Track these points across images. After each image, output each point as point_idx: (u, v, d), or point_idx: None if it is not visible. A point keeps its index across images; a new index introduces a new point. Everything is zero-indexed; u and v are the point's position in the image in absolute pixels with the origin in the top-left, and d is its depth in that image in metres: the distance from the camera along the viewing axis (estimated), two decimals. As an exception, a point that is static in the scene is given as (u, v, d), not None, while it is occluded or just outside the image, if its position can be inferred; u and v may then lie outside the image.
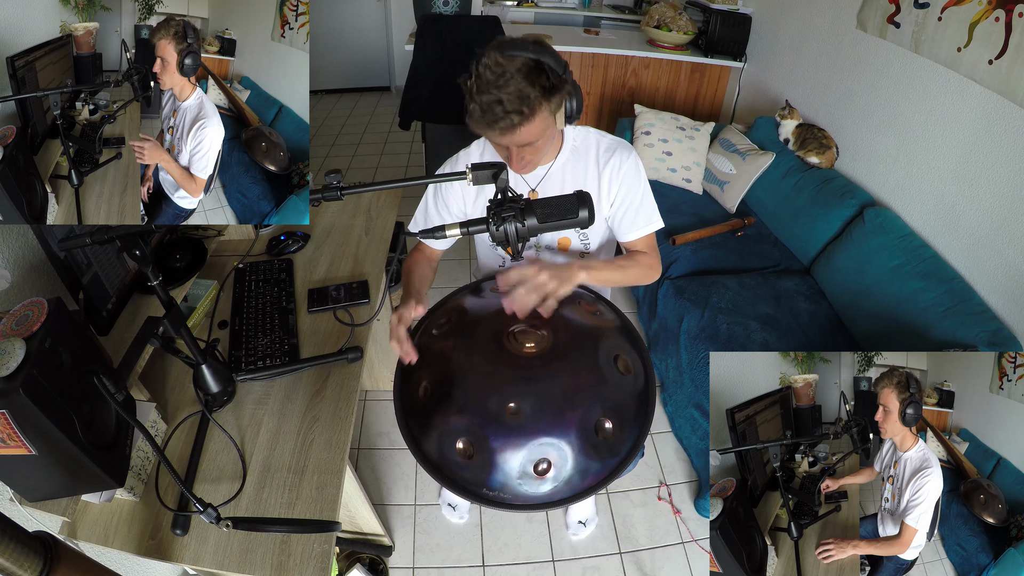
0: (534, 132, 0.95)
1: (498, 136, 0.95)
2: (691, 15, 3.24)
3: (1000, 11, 1.52)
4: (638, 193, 1.16)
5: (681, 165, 2.61)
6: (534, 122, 0.93)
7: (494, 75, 0.90)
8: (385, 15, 4.89)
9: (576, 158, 1.15)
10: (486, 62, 0.91)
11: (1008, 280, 1.59)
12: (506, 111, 0.90)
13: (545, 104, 0.93)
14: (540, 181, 1.16)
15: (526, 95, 0.90)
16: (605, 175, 1.14)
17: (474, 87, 0.92)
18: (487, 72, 0.90)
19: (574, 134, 1.16)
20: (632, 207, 1.16)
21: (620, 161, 1.13)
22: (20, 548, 0.57)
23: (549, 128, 0.99)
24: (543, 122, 0.96)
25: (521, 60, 0.91)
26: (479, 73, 0.91)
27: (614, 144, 1.15)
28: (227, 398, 1.07)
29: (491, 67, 0.90)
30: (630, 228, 1.18)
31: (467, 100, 0.95)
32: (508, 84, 0.89)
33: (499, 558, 1.69)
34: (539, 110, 0.93)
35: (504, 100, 0.89)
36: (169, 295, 0.92)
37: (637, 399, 0.89)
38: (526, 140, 0.96)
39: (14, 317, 0.69)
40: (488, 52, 0.92)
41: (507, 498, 0.80)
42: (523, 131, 0.93)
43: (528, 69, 0.91)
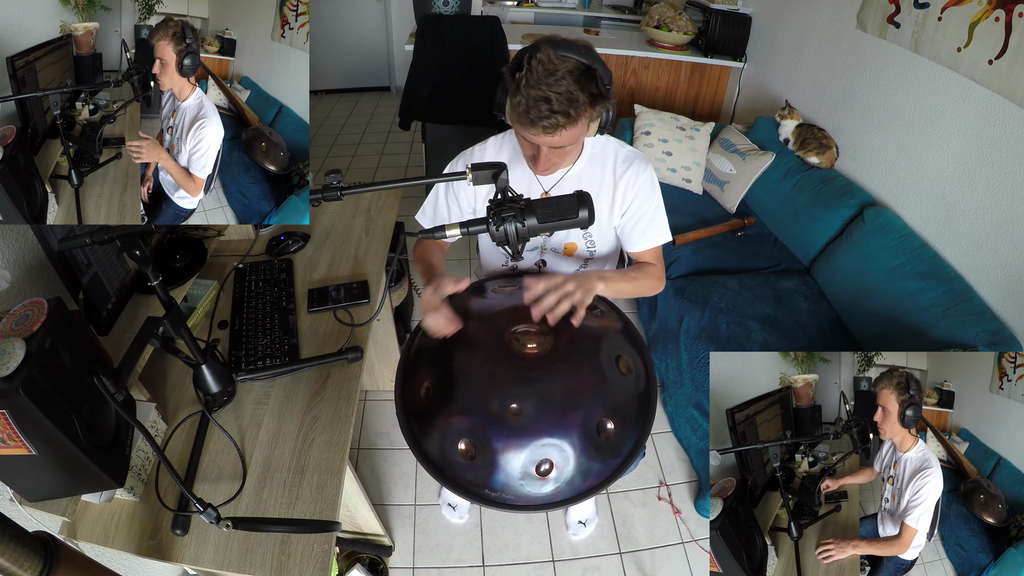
0: (572, 137, 0.94)
1: (538, 135, 0.93)
2: (691, 15, 3.24)
3: (1000, 11, 1.52)
4: (651, 206, 1.17)
5: (681, 165, 2.61)
6: (576, 127, 0.93)
7: (546, 72, 0.88)
8: (385, 15, 4.89)
9: (593, 166, 1.15)
10: (540, 57, 0.89)
11: (1008, 280, 1.59)
12: (552, 111, 0.89)
13: (589, 111, 0.93)
14: (555, 185, 1.16)
15: (575, 98, 0.89)
16: (621, 185, 1.14)
17: (524, 80, 0.89)
18: (539, 67, 0.88)
19: (592, 142, 1.15)
20: (644, 219, 1.17)
21: (637, 173, 1.14)
22: (20, 548, 0.57)
23: (583, 135, 0.99)
24: (582, 128, 0.95)
25: (574, 62, 0.89)
26: (531, 67, 0.89)
27: (632, 156, 1.15)
28: (227, 398, 1.06)
29: (544, 63, 0.88)
30: (640, 239, 1.19)
31: (511, 92, 0.93)
32: (559, 83, 0.88)
33: (499, 558, 1.69)
34: (583, 115, 0.92)
35: (553, 99, 0.88)
36: (169, 295, 0.92)
37: (638, 400, 0.89)
38: (562, 143, 0.96)
39: (14, 317, 0.69)
40: (542, 47, 0.90)
41: (509, 499, 0.80)
42: (563, 134, 0.93)
43: (580, 72, 0.90)
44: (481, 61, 2.60)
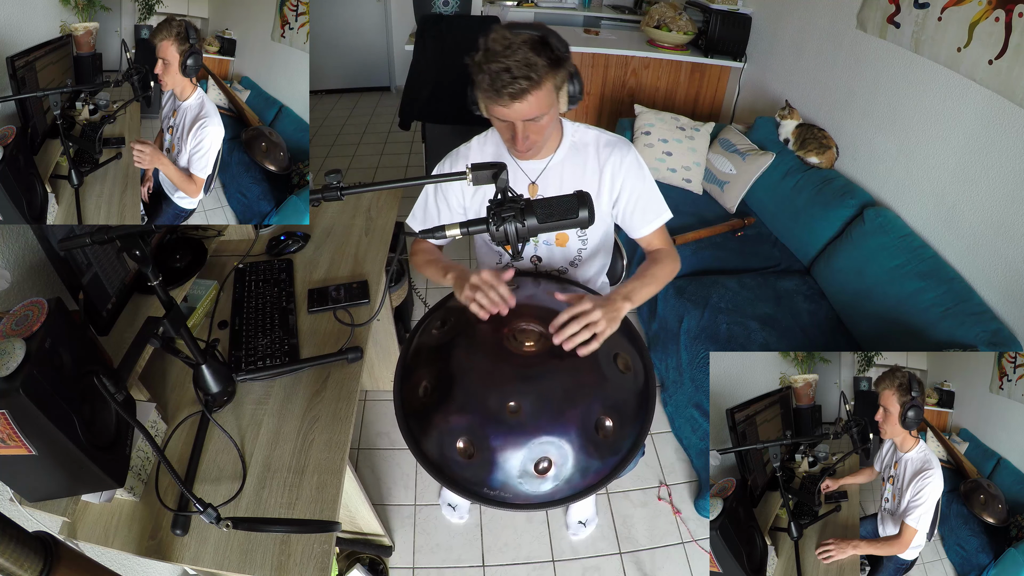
0: (541, 103, 0.98)
1: (508, 104, 0.97)
2: (691, 15, 3.24)
3: (1000, 11, 1.52)
4: (644, 186, 1.17)
5: (681, 165, 2.61)
6: (540, 91, 0.97)
7: (502, 46, 0.94)
8: (385, 15, 4.89)
9: (575, 153, 1.16)
10: (494, 36, 0.95)
11: (1008, 280, 1.59)
12: (513, 77, 0.93)
13: (551, 74, 0.97)
14: (540, 174, 1.17)
15: (533, 63, 0.94)
16: (607, 171, 1.15)
17: (482, 58, 0.96)
18: (495, 44, 0.95)
19: (572, 129, 1.17)
20: (641, 200, 1.18)
21: (621, 156, 1.15)
22: (20, 548, 0.57)
23: (553, 107, 1.02)
24: (548, 95, 0.99)
25: (527, 35, 0.96)
26: (487, 46, 0.95)
27: (614, 140, 1.17)
28: (227, 398, 1.06)
29: (498, 40, 0.95)
30: (642, 222, 1.20)
31: (474, 74, 0.98)
32: (516, 53, 0.93)
33: (499, 558, 1.69)
34: (545, 79, 0.96)
35: (512, 67, 0.93)
36: (169, 295, 0.92)
37: (637, 397, 0.89)
38: (532, 112, 0.99)
39: (14, 317, 0.69)
40: (495, 29, 0.96)
41: (508, 497, 0.81)
42: (531, 99, 0.96)
43: (534, 42, 0.95)
44: (481, 61, 2.60)
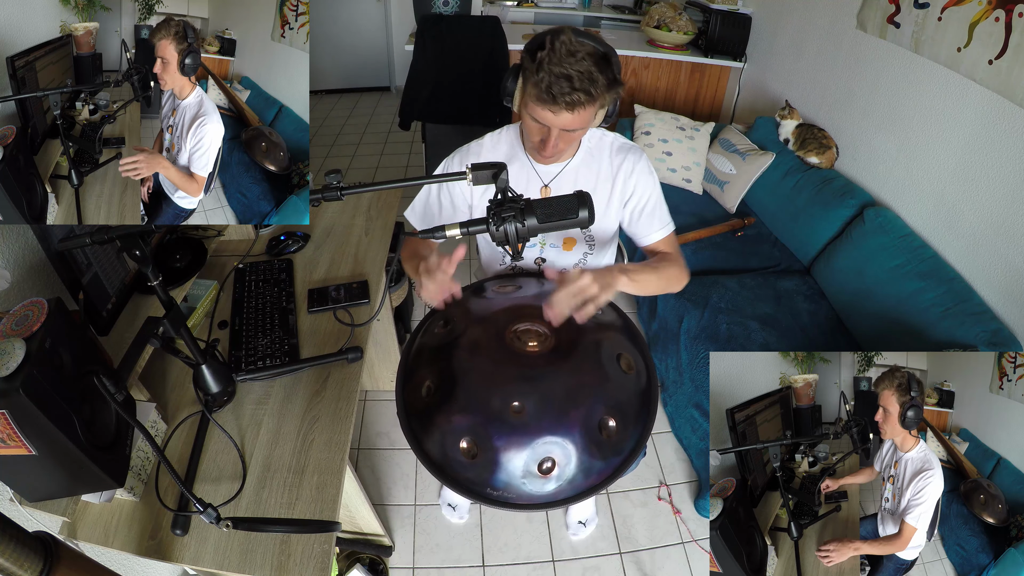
0: (585, 119, 0.97)
1: (558, 112, 0.95)
2: (691, 15, 3.24)
3: (1000, 11, 1.52)
4: (654, 193, 1.18)
5: (681, 165, 2.61)
6: (591, 108, 0.96)
7: (568, 52, 0.92)
8: (385, 15, 4.89)
9: (590, 159, 1.17)
10: (563, 39, 0.93)
11: (1008, 280, 1.59)
12: (573, 87, 0.92)
13: (605, 95, 0.96)
14: (554, 178, 1.17)
15: (595, 78, 0.93)
16: (620, 176, 1.15)
17: (546, 58, 0.93)
18: (562, 48, 0.92)
19: (589, 135, 1.16)
20: (649, 207, 1.18)
21: (634, 162, 1.15)
22: (20, 548, 0.57)
23: (592, 123, 1.02)
24: (594, 112, 0.98)
25: (592, 47, 0.94)
26: (553, 47, 0.93)
27: (627, 146, 1.17)
28: (227, 398, 1.06)
29: (567, 44, 0.92)
30: (649, 229, 1.19)
31: (530, 71, 0.95)
32: (581, 63, 0.92)
33: (499, 558, 1.69)
34: (599, 98, 0.96)
35: (574, 76, 0.91)
36: (169, 295, 0.92)
37: (640, 397, 0.89)
38: (575, 125, 0.98)
39: (14, 317, 0.69)
40: (564, 30, 0.94)
41: (511, 498, 0.80)
42: (580, 113, 0.95)
43: (599, 57, 0.94)
44: (481, 61, 2.61)
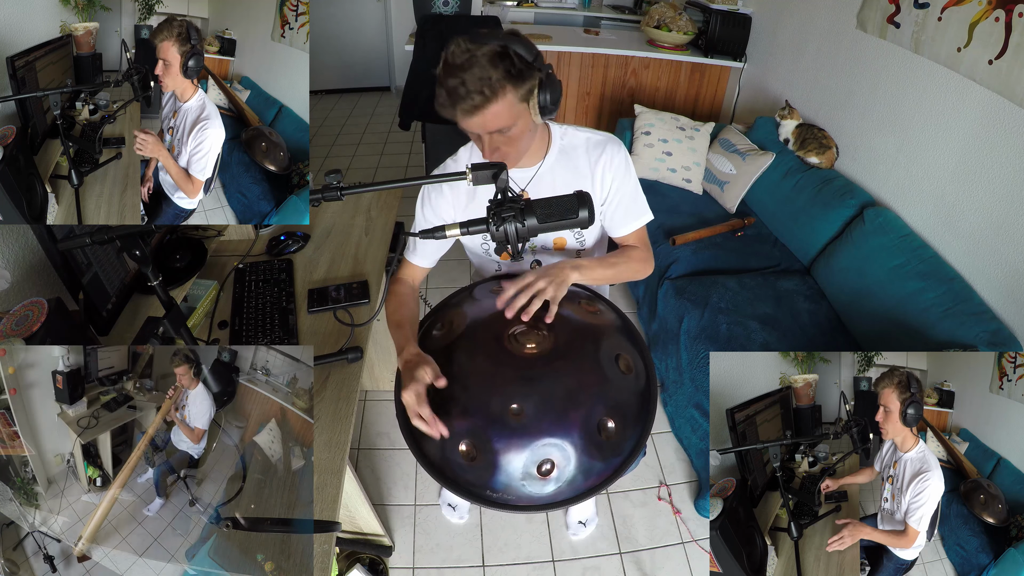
0: (501, 117, 0.95)
1: (465, 119, 0.95)
2: (691, 15, 3.24)
3: (1000, 11, 1.52)
4: (630, 187, 1.16)
5: (681, 165, 2.61)
6: (498, 104, 0.94)
7: (459, 60, 0.91)
8: (385, 15, 4.89)
9: (565, 158, 1.15)
10: (453, 49, 0.92)
11: (1008, 280, 1.59)
12: (468, 91, 0.91)
13: (511, 88, 0.94)
14: (529, 182, 1.15)
15: (487, 76, 0.91)
16: (598, 171, 1.14)
17: (441, 74, 0.94)
18: (453, 58, 0.92)
19: (561, 133, 1.15)
20: (624, 201, 1.17)
21: (611, 156, 1.13)
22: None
23: (522, 118, 0.99)
24: (510, 108, 0.96)
25: (487, 47, 0.92)
26: (445, 59, 0.93)
27: (603, 139, 1.15)
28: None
29: (457, 53, 0.92)
30: (623, 223, 1.19)
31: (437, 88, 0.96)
32: (472, 67, 0.91)
33: (499, 558, 1.69)
34: (502, 93, 0.93)
35: (467, 81, 0.91)
36: (169, 295, 0.92)
37: (639, 398, 0.89)
38: (494, 125, 0.96)
39: (14, 317, 0.69)
40: (457, 40, 0.93)
41: (511, 499, 0.80)
42: (488, 114, 0.94)
43: (493, 54, 0.92)
44: (481, 61, 2.60)
